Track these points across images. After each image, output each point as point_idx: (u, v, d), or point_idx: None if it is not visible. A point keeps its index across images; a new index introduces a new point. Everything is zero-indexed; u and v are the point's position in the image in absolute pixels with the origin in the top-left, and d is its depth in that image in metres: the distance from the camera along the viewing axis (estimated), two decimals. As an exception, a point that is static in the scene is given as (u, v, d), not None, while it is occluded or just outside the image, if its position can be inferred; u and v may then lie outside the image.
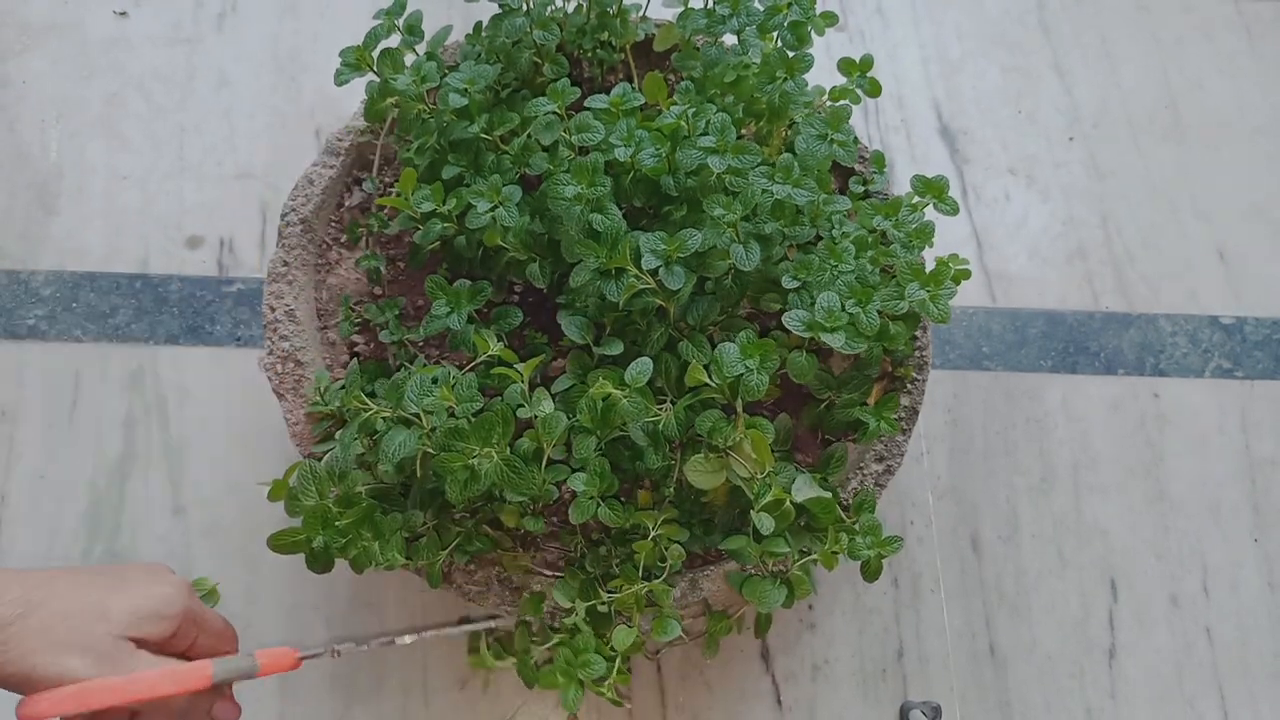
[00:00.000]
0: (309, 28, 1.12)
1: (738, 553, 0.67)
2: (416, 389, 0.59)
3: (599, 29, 0.81)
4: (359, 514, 0.61)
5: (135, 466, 0.93)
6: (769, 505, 0.63)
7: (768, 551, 0.65)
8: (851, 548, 0.68)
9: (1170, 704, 0.89)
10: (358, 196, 0.84)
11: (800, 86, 0.73)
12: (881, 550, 0.69)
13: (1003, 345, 1.01)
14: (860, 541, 0.68)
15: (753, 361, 0.62)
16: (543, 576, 0.73)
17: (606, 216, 0.65)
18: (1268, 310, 1.04)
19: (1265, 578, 0.94)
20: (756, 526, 0.62)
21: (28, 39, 1.10)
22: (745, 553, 0.66)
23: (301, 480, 0.62)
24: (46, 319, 0.98)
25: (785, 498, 0.63)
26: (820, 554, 0.67)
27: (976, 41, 1.15)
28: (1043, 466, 0.96)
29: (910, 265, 0.67)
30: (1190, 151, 1.11)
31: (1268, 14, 1.18)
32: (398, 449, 0.59)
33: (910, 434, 0.77)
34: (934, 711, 0.86)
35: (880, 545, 0.69)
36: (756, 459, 0.64)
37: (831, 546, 0.67)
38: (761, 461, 0.63)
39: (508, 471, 0.59)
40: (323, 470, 0.63)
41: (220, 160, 1.05)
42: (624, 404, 0.62)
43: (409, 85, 0.71)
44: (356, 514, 0.61)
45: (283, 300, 0.78)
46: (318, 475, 0.62)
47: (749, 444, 0.64)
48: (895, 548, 0.69)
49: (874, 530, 0.69)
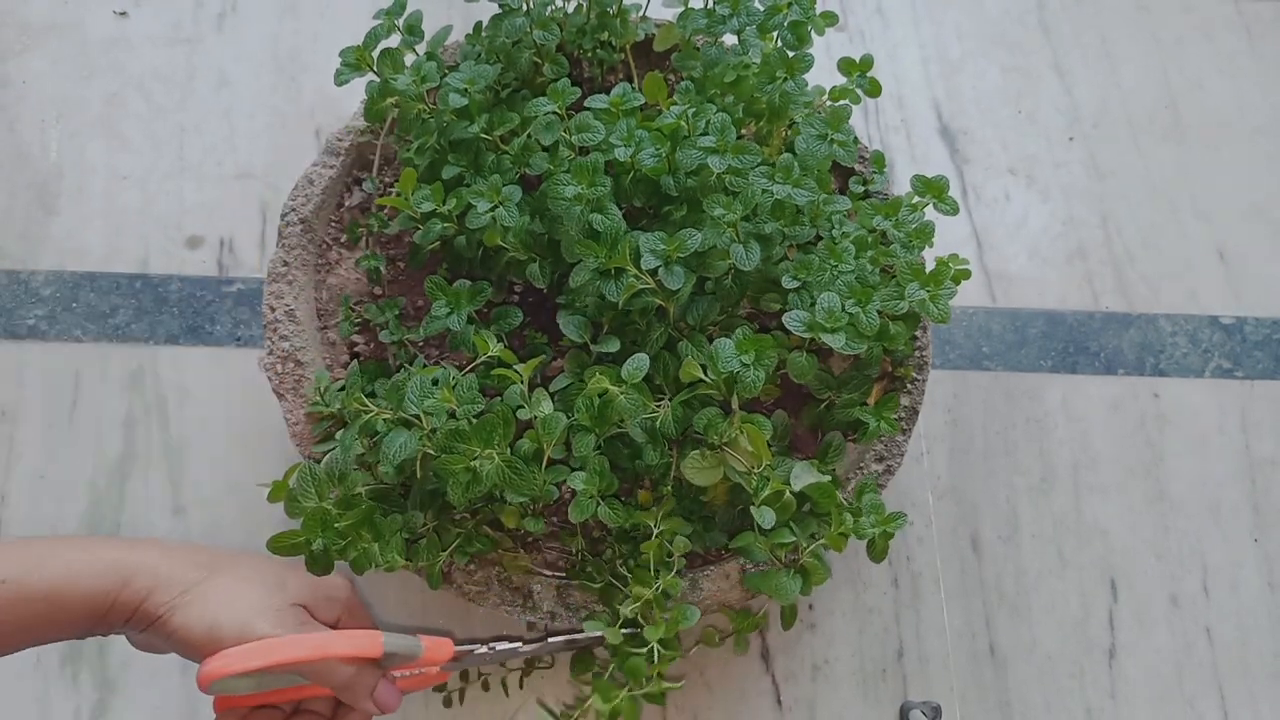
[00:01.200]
0: (309, 28, 1.12)
1: (746, 549, 0.66)
2: (417, 390, 0.59)
3: (599, 29, 0.81)
4: (359, 516, 0.61)
5: (135, 466, 0.93)
6: (769, 498, 0.63)
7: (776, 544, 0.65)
8: (856, 527, 0.67)
9: (1170, 704, 0.89)
10: (358, 196, 0.84)
11: (800, 86, 0.73)
12: (886, 527, 0.68)
13: (1003, 345, 1.01)
14: (864, 521, 0.68)
15: (748, 357, 0.62)
16: (543, 577, 0.73)
17: (606, 216, 0.65)
18: (1268, 310, 1.04)
19: (1265, 578, 0.94)
20: (758, 521, 0.62)
21: (28, 39, 1.10)
22: (754, 548, 0.66)
23: (301, 482, 0.62)
24: (46, 319, 0.98)
25: (784, 489, 0.63)
26: (828, 536, 0.66)
27: (976, 41, 1.15)
28: (1043, 466, 0.96)
29: (910, 265, 0.67)
30: (1190, 151, 1.11)
31: (1268, 14, 1.18)
32: (399, 450, 0.59)
33: (910, 434, 0.77)
34: (934, 711, 0.86)
35: (884, 523, 0.68)
36: (753, 454, 0.63)
37: (838, 529, 0.66)
38: (758, 456, 0.63)
39: (509, 473, 0.59)
40: (322, 472, 0.63)
41: (220, 160, 1.05)
42: (621, 400, 0.62)
43: (409, 85, 0.71)
44: (356, 516, 0.61)
45: (283, 300, 0.78)
46: (317, 477, 0.62)
47: (745, 439, 0.64)
48: (900, 523, 0.68)
49: (877, 509, 0.68)
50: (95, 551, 0.57)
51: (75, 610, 0.55)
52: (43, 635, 0.56)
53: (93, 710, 0.85)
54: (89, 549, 0.57)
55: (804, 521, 0.68)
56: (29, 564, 0.55)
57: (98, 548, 0.58)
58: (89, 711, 0.85)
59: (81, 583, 0.55)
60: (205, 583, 0.58)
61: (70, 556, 0.56)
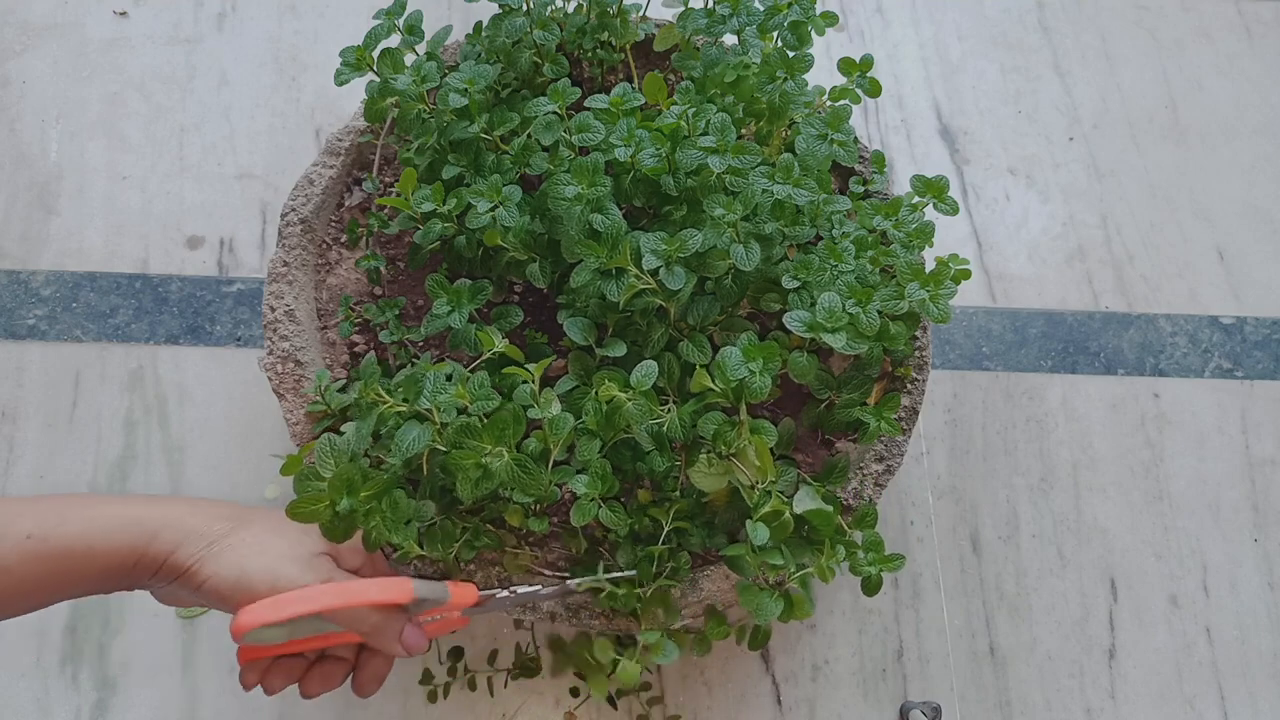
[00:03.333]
0: (309, 28, 1.12)
1: (736, 561, 0.66)
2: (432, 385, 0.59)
3: (599, 29, 0.81)
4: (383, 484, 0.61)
5: (135, 466, 0.93)
6: (766, 516, 0.62)
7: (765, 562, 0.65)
8: (853, 562, 0.67)
9: (1170, 704, 0.89)
10: (358, 196, 0.84)
11: (800, 86, 0.73)
12: (884, 567, 0.67)
13: (1003, 345, 1.01)
14: (862, 558, 0.67)
15: (756, 365, 0.62)
16: (543, 576, 0.73)
17: (607, 216, 0.65)
18: (1268, 310, 1.04)
19: (1265, 577, 0.94)
20: (751, 537, 0.62)
21: (28, 39, 1.10)
22: (743, 562, 0.65)
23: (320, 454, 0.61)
24: (46, 319, 0.98)
25: (784, 509, 0.63)
26: (816, 566, 0.66)
27: (976, 41, 1.15)
28: (1043, 466, 0.96)
29: (910, 265, 0.67)
30: (1190, 151, 1.11)
31: (1268, 14, 1.18)
32: (411, 444, 0.59)
33: (910, 434, 0.77)
34: (934, 711, 0.86)
35: (882, 562, 0.67)
36: (759, 466, 0.63)
37: (828, 560, 0.65)
38: (763, 471, 0.63)
39: (518, 471, 0.59)
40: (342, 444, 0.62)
41: (220, 160, 1.05)
42: (629, 407, 0.62)
43: (409, 85, 0.71)
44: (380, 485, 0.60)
45: (283, 300, 0.78)
46: (338, 448, 0.61)
47: (752, 450, 0.64)
48: (897, 565, 0.67)
49: (876, 546, 0.68)
50: (121, 507, 0.57)
51: (102, 563, 0.55)
52: (69, 590, 0.56)
53: (93, 710, 0.85)
54: (114, 504, 0.57)
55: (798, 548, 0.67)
56: (53, 519, 0.55)
57: (123, 504, 0.58)
58: (89, 711, 0.85)
59: (110, 537, 0.55)
60: (233, 534, 0.58)
61: (95, 511, 0.56)
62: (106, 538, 0.55)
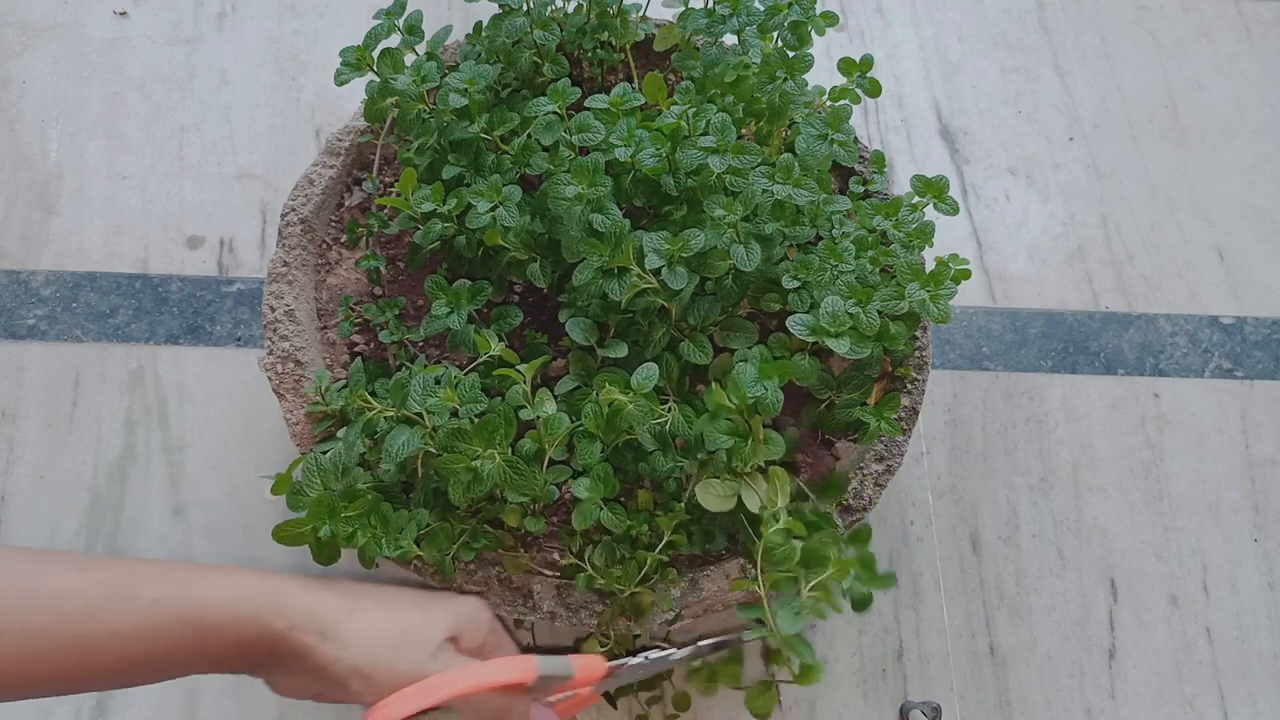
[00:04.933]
0: (309, 28, 1.12)
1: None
2: (420, 389, 0.59)
3: (599, 29, 0.81)
4: (366, 505, 0.61)
5: (135, 466, 0.93)
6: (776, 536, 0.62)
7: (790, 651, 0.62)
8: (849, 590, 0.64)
9: (1170, 704, 0.89)
10: (358, 196, 0.84)
11: (800, 86, 0.73)
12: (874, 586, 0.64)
13: (1003, 345, 1.01)
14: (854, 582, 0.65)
15: (770, 383, 0.62)
16: (543, 576, 0.73)
17: (607, 216, 0.65)
18: (1268, 310, 1.04)
19: (1265, 577, 0.94)
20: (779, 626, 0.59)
21: (28, 39, 1.10)
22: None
23: (307, 473, 0.61)
24: (46, 319, 0.98)
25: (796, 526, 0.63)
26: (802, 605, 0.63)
27: (976, 41, 1.15)
28: (1043, 466, 0.96)
29: (910, 265, 0.67)
30: (1190, 151, 1.11)
31: (1268, 14, 1.18)
32: (401, 449, 0.59)
33: (910, 434, 0.77)
34: (934, 711, 0.86)
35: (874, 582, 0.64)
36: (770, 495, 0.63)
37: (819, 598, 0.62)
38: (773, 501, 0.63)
39: (510, 472, 0.59)
40: (328, 463, 0.62)
41: (220, 160, 1.05)
42: (630, 409, 0.62)
43: (409, 85, 0.71)
44: (363, 505, 0.61)
45: (283, 300, 0.78)
46: (323, 468, 0.61)
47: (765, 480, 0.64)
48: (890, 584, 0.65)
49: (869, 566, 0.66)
50: (234, 577, 0.54)
51: (225, 636, 0.52)
52: (190, 663, 0.53)
53: (93, 710, 0.85)
54: (228, 574, 0.54)
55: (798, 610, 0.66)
56: (176, 584, 0.52)
57: (235, 574, 0.55)
58: (89, 711, 0.85)
59: (231, 607, 0.52)
60: (353, 612, 0.56)
61: (214, 579, 0.53)
62: (230, 607, 0.52)
